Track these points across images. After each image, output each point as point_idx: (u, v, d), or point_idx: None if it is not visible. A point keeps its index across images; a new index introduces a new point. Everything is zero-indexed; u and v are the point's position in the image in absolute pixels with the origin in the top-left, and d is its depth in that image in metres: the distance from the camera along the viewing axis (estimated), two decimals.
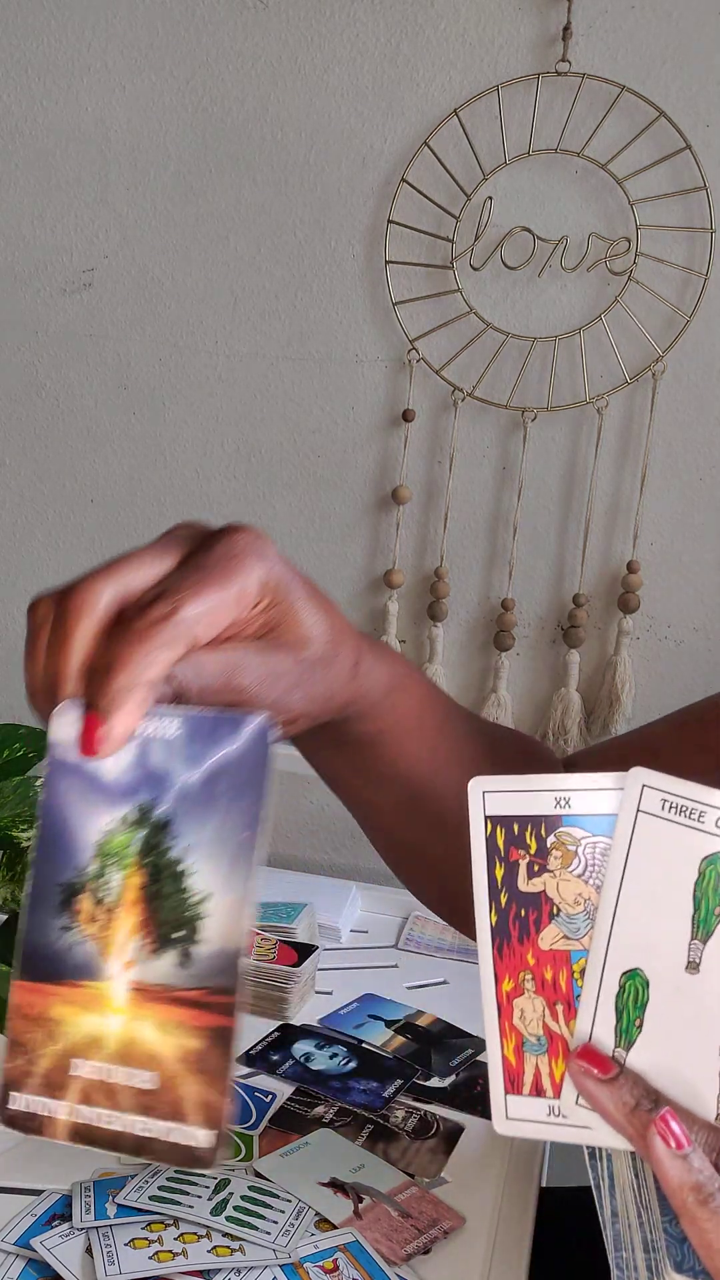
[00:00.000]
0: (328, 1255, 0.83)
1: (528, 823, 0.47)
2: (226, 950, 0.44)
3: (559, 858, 0.47)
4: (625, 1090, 0.46)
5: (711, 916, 0.45)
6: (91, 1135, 0.45)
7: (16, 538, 1.58)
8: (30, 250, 1.49)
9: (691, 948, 0.45)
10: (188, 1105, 0.44)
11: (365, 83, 1.37)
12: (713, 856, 0.45)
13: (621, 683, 1.40)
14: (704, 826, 0.45)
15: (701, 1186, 0.44)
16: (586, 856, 0.47)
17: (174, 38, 1.41)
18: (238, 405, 1.48)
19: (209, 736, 0.45)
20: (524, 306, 1.38)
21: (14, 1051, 0.46)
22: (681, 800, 0.45)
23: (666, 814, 0.45)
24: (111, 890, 0.45)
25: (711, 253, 1.31)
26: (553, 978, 0.48)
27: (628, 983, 0.47)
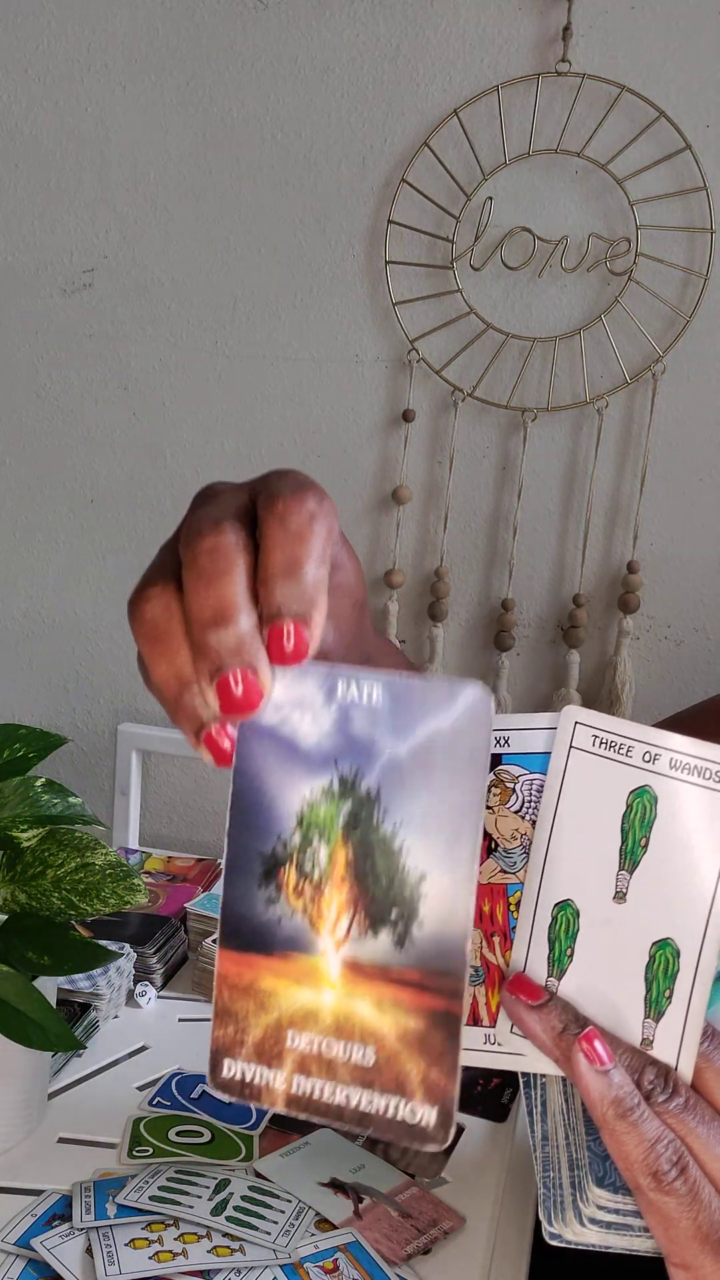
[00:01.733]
0: (328, 1255, 0.83)
1: None
2: (445, 934, 0.42)
3: (497, 795, 0.49)
4: (554, 1016, 0.48)
5: (638, 848, 0.47)
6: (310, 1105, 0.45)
7: (16, 538, 1.58)
8: (30, 250, 1.49)
9: (619, 878, 0.47)
10: (411, 1083, 0.43)
11: (365, 83, 1.37)
12: (640, 790, 0.46)
13: (621, 683, 1.40)
14: (632, 761, 0.46)
15: (621, 1100, 0.47)
16: (523, 793, 0.48)
17: (174, 38, 1.41)
18: (238, 405, 1.48)
19: (418, 705, 0.43)
20: (524, 307, 1.38)
21: (223, 1020, 0.46)
22: (611, 736, 0.47)
23: (597, 749, 0.47)
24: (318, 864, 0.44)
25: (711, 253, 1.31)
26: (490, 910, 0.49)
27: (559, 914, 0.48)
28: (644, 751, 0.46)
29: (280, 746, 0.44)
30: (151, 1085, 1.04)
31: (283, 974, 0.45)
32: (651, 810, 0.46)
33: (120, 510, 1.54)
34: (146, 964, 1.19)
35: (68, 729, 1.60)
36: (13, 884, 0.91)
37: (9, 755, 0.97)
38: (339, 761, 0.44)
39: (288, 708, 0.44)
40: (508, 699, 1.45)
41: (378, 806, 0.43)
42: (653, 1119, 0.47)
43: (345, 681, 0.43)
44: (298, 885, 0.45)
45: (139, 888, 0.91)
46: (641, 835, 0.46)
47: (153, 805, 1.60)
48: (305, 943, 0.45)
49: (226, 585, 0.42)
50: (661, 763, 0.46)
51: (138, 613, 0.44)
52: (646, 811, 0.46)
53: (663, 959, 0.47)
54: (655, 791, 0.46)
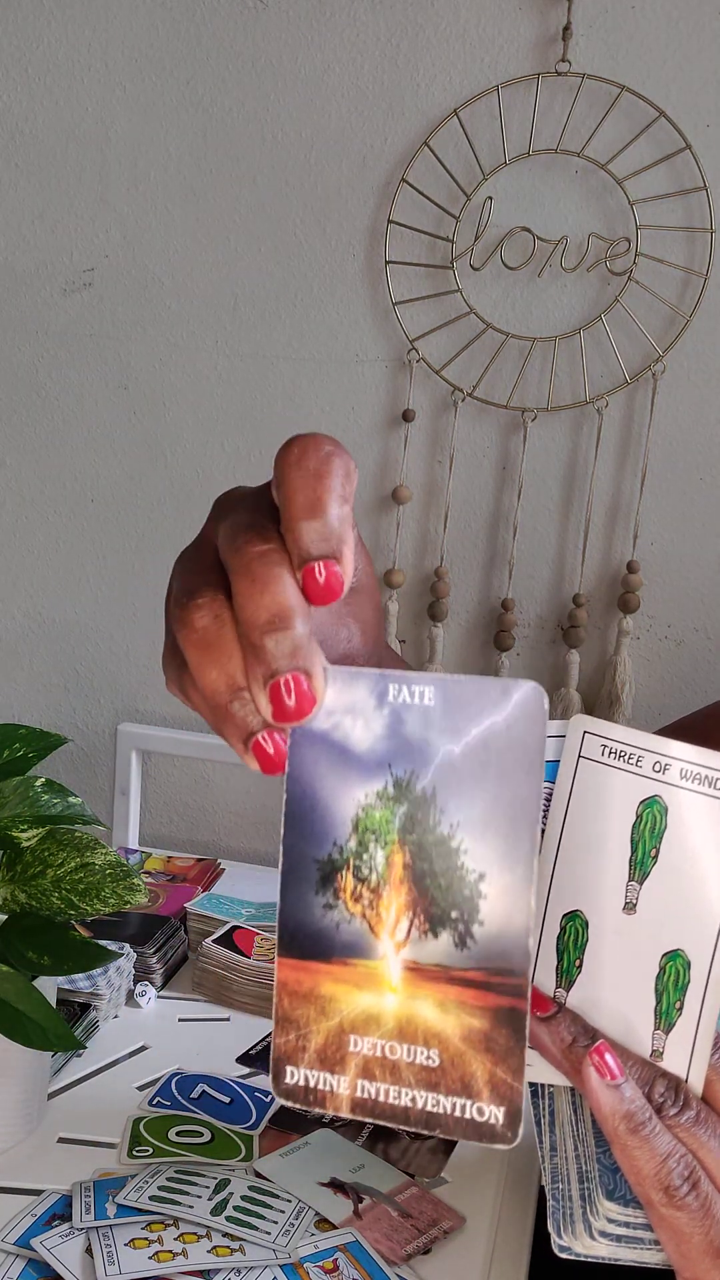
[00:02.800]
0: (328, 1255, 0.83)
1: None
2: (507, 932, 0.43)
3: None
4: (563, 1027, 0.48)
5: (648, 858, 0.46)
6: (376, 1109, 0.45)
7: (17, 538, 1.58)
8: (30, 250, 1.50)
9: (629, 889, 0.47)
10: (478, 1082, 0.44)
11: (365, 83, 1.37)
12: (649, 800, 0.46)
13: (621, 683, 1.40)
14: (642, 771, 0.46)
15: (632, 1115, 0.46)
16: None
17: (174, 38, 1.41)
18: (238, 405, 1.48)
19: (471, 704, 0.43)
20: (524, 306, 1.38)
21: (284, 1028, 0.46)
22: (621, 746, 0.47)
23: (606, 759, 0.47)
24: (375, 868, 0.44)
25: (711, 253, 1.31)
26: None
27: (568, 924, 0.48)
28: (654, 762, 0.46)
29: (333, 752, 0.44)
30: (151, 1085, 1.04)
31: (343, 979, 0.45)
32: (661, 821, 0.46)
33: (120, 510, 1.54)
34: (146, 964, 1.19)
35: (68, 729, 1.60)
36: (13, 884, 0.91)
37: (9, 755, 0.97)
38: (393, 765, 0.44)
39: (340, 713, 0.44)
40: None
41: (433, 807, 0.43)
42: (664, 1133, 0.47)
43: (396, 685, 0.43)
44: (355, 890, 0.45)
45: (139, 888, 0.91)
46: (652, 846, 0.46)
47: (153, 805, 1.60)
48: (365, 947, 0.45)
49: (281, 589, 0.41)
50: (671, 773, 0.46)
51: (188, 620, 0.43)
52: (656, 822, 0.46)
53: (673, 970, 0.46)
54: (665, 802, 0.46)
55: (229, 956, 1.18)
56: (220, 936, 1.21)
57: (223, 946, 1.20)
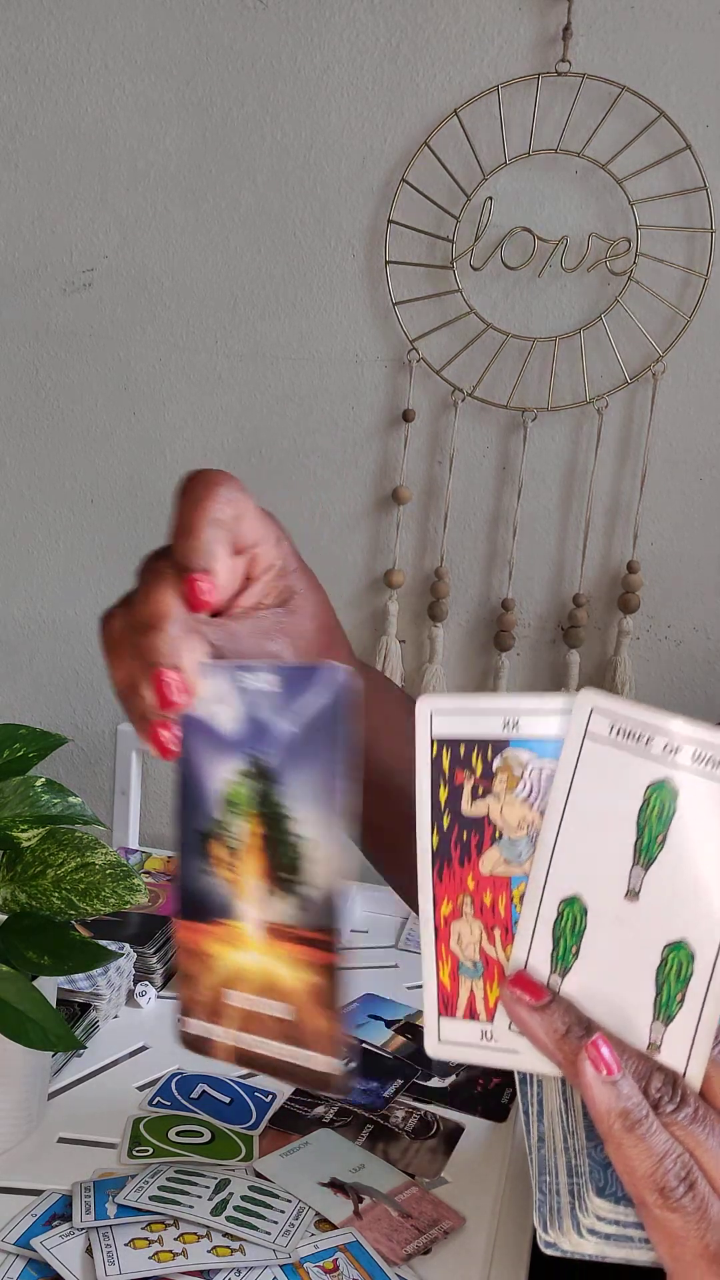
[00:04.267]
0: (328, 1255, 0.83)
1: (474, 745, 0.47)
2: (331, 893, 0.47)
3: (504, 781, 0.47)
4: (556, 1017, 0.46)
5: (654, 844, 0.44)
6: (250, 1059, 0.50)
7: (16, 538, 1.58)
8: (30, 250, 1.49)
9: (632, 875, 0.45)
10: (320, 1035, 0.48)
11: (365, 83, 1.37)
12: (658, 784, 0.44)
13: (621, 683, 1.40)
14: (652, 752, 0.44)
15: (629, 1112, 0.45)
16: (532, 780, 0.46)
17: (174, 38, 1.41)
18: (238, 405, 1.48)
19: (300, 688, 0.47)
20: (524, 306, 1.38)
21: (183, 982, 0.52)
22: (630, 723, 0.44)
23: (614, 738, 0.45)
24: (238, 837, 0.49)
25: (711, 253, 1.31)
26: (491, 902, 0.48)
27: (566, 910, 0.46)
28: (665, 742, 0.44)
29: (209, 736, 0.50)
30: (151, 1085, 1.03)
31: (219, 939, 0.50)
32: (671, 805, 0.44)
33: (120, 510, 1.54)
34: (146, 964, 1.19)
35: (68, 729, 1.60)
36: (13, 884, 0.91)
37: (9, 755, 0.97)
38: (252, 746, 0.49)
39: (212, 701, 0.49)
40: None
41: (278, 783, 0.48)
42: (660, 1132, 0.45)
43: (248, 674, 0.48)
44: (225, 858, 0.50)
45: (139, 888, 0.91)
46: (659, 831, 0.44)
47: (153, 805, 1.60)
48: (233, 910, 0.50)
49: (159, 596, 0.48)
50: (684, 755, 0.44)
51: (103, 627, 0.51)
52: (665, 807, 0.44)
53: (675, 962, 0.45)
54: (675, 786, 0.44)
55: None
56: None
57: None
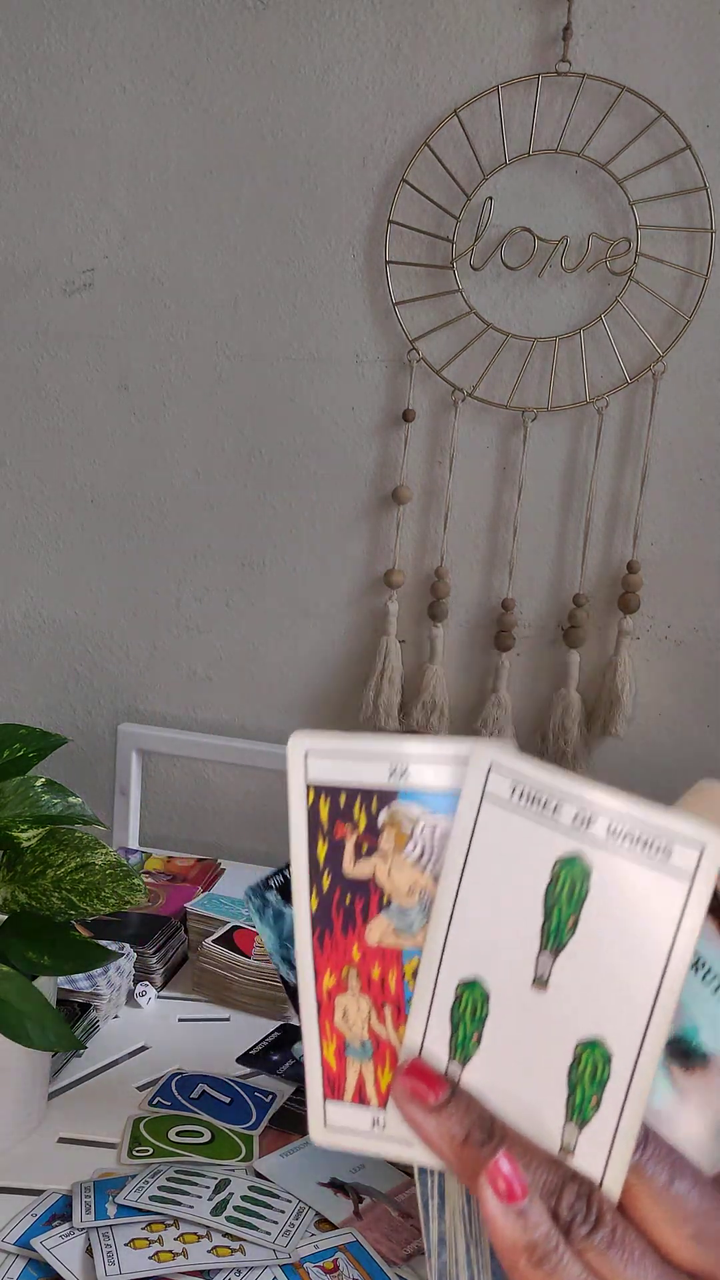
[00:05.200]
0: (328, 1255, 0.83)
1: (357, 794, 0.40)
2: None
3: (392, 838, 0.40)
4: (454, 1120, 0.40)
5: (564, 928, 0.38)
6: None
7: (16, 538, 1.58)
8: (30, 250, 1.49)
9: (540, 961, 0.39)
10: None
11: (365, 83, 1.37)
12: (568, 859, 0.38)
13: (621, 683, 1.40)
14: (561, 822, 0.38)
15: (536, 1245, 0.38)
16: (424, 839, 0.40)
17: (174, 38, 1.41)
18: (238, 405, 1.48)
19: None
20: (524, 306, 1.38)
21: None
22: (536, 788, 0.38)
23: (517, 802, 0.38)
24: None
25: (711, 253, 1.31)
26: (380, 976, 0.41)
27: (465, 994, 0.40)
28: (576, 812, 0.38)
29: None
30: (151, 1085, 1.03)
31: None
32: (583, 885, 0.38)
33: (120, 510, 1.54)
34: (146, 964, 1.19)
35: (68, 729, 1.60)
36: (13, 884, 0.91)
37: (9, 755, 0.97)
38: None
39: None
40: (508, 699, 1.45)
41: None
42: (573, 1264, 0.37)
43: None
44: None
45: (139, 888, 0.91)
46: (570, 914, 0.38)
47: (153, 805, 1.60)
48: None
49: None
50: (598, 828, 0.37)
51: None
52: (576, 886, 0.38)
53: (590, 1062, 0.38)
54: (588, 863, 0.37)
55: (229, 956, 1.18)
56: (220, 936, 1.21)
57: (223, 946, 1.20)
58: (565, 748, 1.42)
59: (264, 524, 1.50)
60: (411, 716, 1.47)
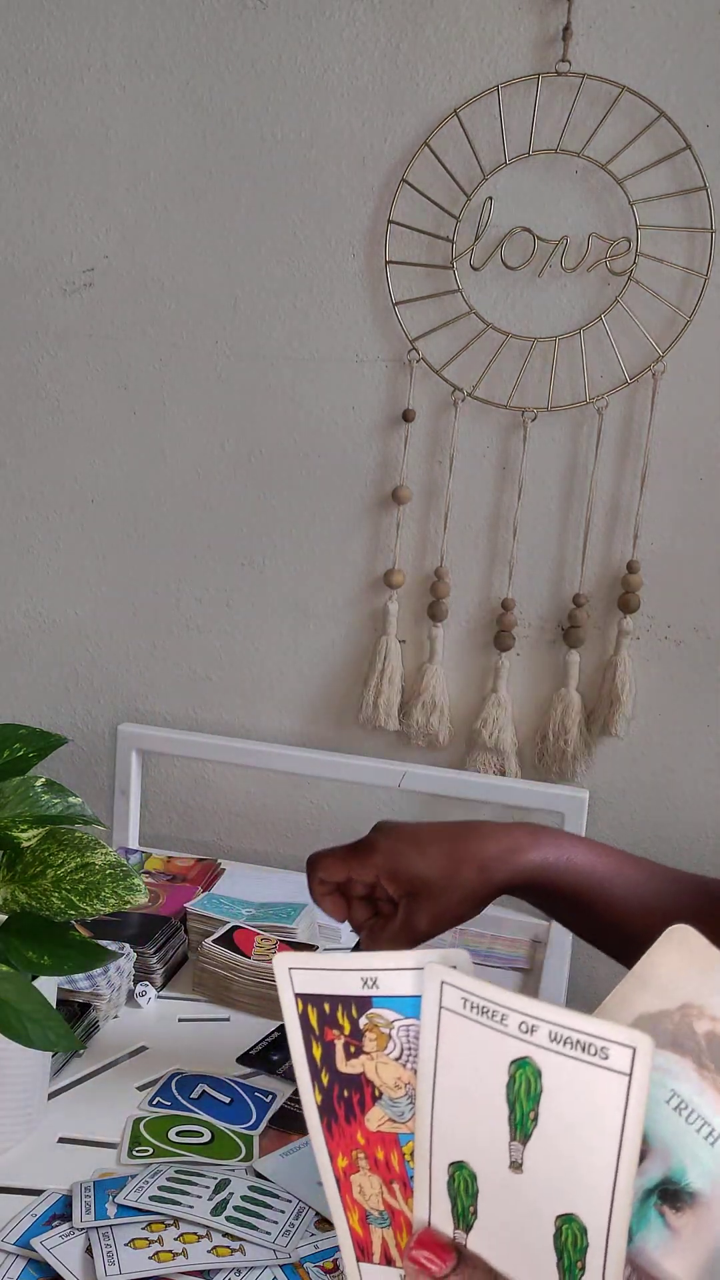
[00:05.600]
0: (328, 1255, 0.83)
1: (338, 1002, 0.46)
2: None
3: (374, 1040, 0.46)
4: None
5: (527, 1120, 0.43)
6: None
7: (16, 538, 1.58)
8: (30, 250, 1.49)
9: (512, 1149, 0.43)
10: None
11: (365, 83, 1.37)
12: (521, 1061, 0.42)
13: (621, 683, 1.40)
14: (508, 1030, 0.42)
15: None
16: (401, 1040, 0.46)
17: (174, 38, 1.41)
18: (238, 405, 1.48)
19: None
20: (524, 306, 1.38)
21: None
22: (481, 1001, 0.43)
23: (469, 1013, 0.43)
24: None
25: (711, 253, 1.31)
26: (384, 1158, 0.47)
27: (456, 1173, 0.45)
28: (519, 1021, 0.42)
29: None
30: (151, 1085, 1.03)
31: None
32: (536, 1084, 0.42)
33: (120, 510, 1.54)
34: (146, 964, 1.19)
35: (68, 729, 1.60)
36: (13, 884, 0.91)
37: (9, 755, 0.97)
38: None
39: None
40: (508, 699, 1.45)
41: None
42: None
43: None
44: None
45: (139, 888, 0.91)
46: (529, 1108, 0.42)
47: (153, 805, 1.60)
48: None
49: None
50: (540, 1035, 0.42)
51: None
52: (531, 1085, 0.42)
53: (570, 1233, 0.42)
54: (538, 1065, 0.42)
55: (229, 956, 1.18)
56: (220, 936, 1.21)
57: (223, 946, 1.20)
58: (565, 748, 1.42)
59: (264, 524, 1.50)
60: (411, 716, 1.47)
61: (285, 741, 1.53)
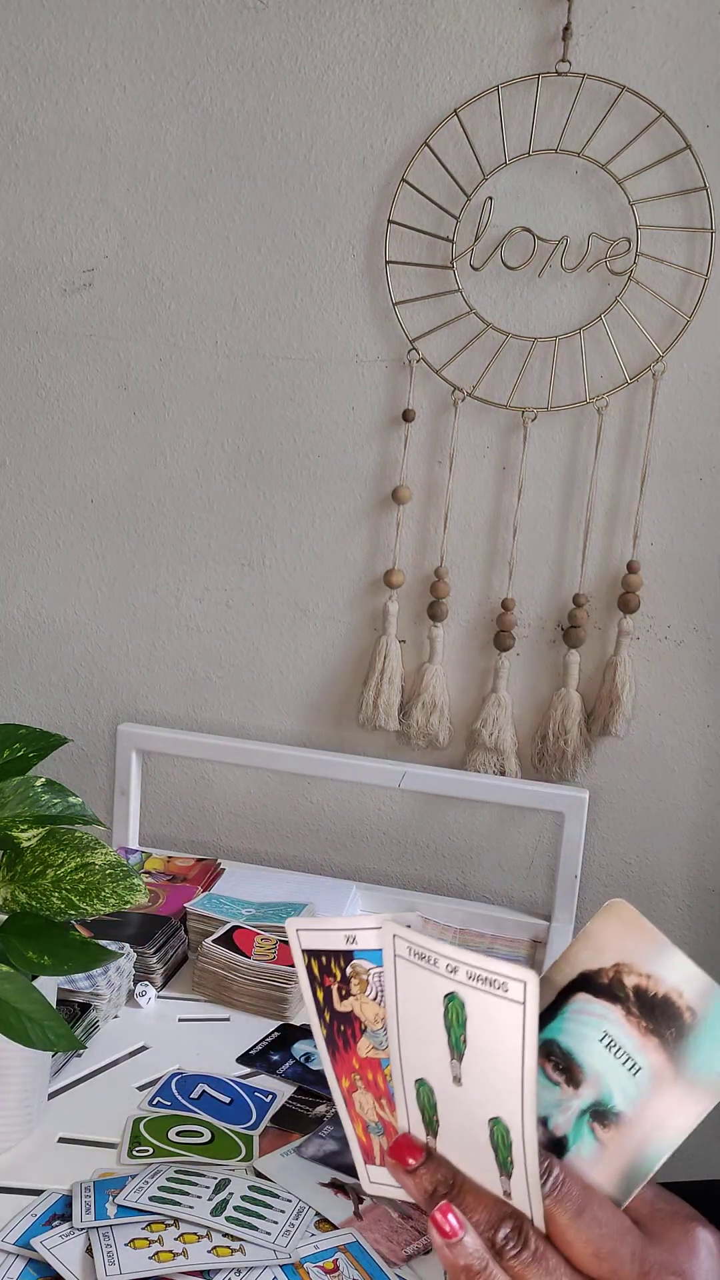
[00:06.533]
0: (328, 1255, 0.83)
1: (331, 956, 0.57)
2: None
3: (358, 985, 0.57)
4: (425, 1178, 0.55)
5: (460, 1042, 0.53)
6: None
7: (17, 538, 1.58)
8: (30, 250, 1.49)
9: (453, 1065, 0.54)
10: None
11: (365, 83, 1.37)
12: (450, 995, 0.53)
13: (621, 683, 1.40)
14: (439, 970, 0.53)
15: (470, 1267, 0.52)
16: (375, 984, 0.57)
17: (174, 38, 1.41)
18: (238, 405, 1.48)
19: None
20: (524, 306, 1.38)
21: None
22: (421, 949, 0.54)
23: (413, 959, 0.54)
24: None
25: (711, 253, 1.31)
26: (373, 1078, 0.58)
27: (420, 1088, 0.56)
28: (445, 964, 0.52)
29: None
30: (151, 1085, 1.03)
31: None
32: (462, 1012, 0.53)
33: (120, 510, 1.54)
34: (146, 964, 1.19)
35: (68, 729, 1.60)
36: (13, 884, 0.91)
37: (9, 755, 0.97)
38: None
39: None
40: (508, 699, 1.45)
41: None
42: (499, 1275, 0.52)
43: None
44: None
45: (139, 888, 0.91)
46: (460, 1033, 0.53)
47: (153, 805, 1.60)
48: None
49: None
50: (460, 974, 0.52)
51: None
52: (459, 1013, 0.53)
53: (499, 1132, 0.53)
54: (462, 997, 0.52)
55: (229, 956, 1.18)
56: (220, 936, 1.21)
57: (223, 946, 1.20)
58: (565, 748, 1.42)
59: (264, 524, 1.50)
60: (411, 716, 1.47)
61: (285, 741, 1.53)
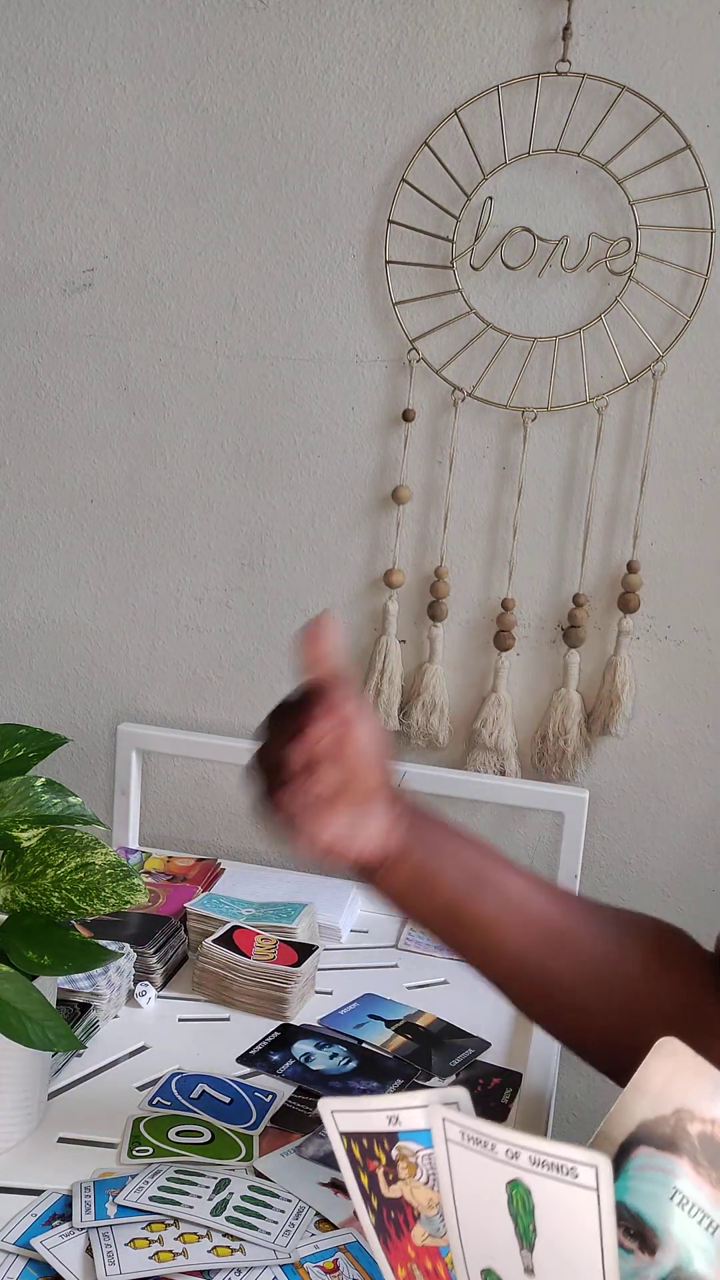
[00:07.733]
0: (328, 1255, 0.83)
1: (373, 1138, 0.53)
2: None
3: (406, 1169, 0.53)
4: None
5: (529, 1230, 0.50)
6: None
7: (16, 538, 1.58)
8: (30, 250, 1.49)
9: (524, 1255, 0.51)
10: None
11: (365, 83, 1.37)
12: (513, 1182, 0.50)
13: (621, 683, 1.40)
14: (498, 1156, 0.50)
15: None
16: (426, 1167, 0.53)
17: (174, 38, 1.41)
18: (238, 405, 1.48)
19: None
20: (524, 306, 1.38)
21: None
22: (475, 1133, 0.50)
23: (467, 1144, 0.51)
24: None
25: (711, 253, 1.31)
26: (433, 1267, 0.55)
27: (488, 1277, 0.53)
28: (505, 1149, 0.49)
29: None
30: (151, 1085, 1.04)
31: None
32: (529, 1199, 0.50)
33: (120, 510, 1.54)
34: (146, 964, 1.19)
35: (68, 729, 1.60)
36: (13, 884, 0.91)
37: (9, 755, 0.97)
38: None
39: None
40: (508, 699, 1.45)
41: None
42: None
43: None
44: None
45: (139, 888, 0.91)
46: (528, 1221, 0.50)
47: (153, 805, 1.60)
48: None
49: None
50: (523, 1160, 0.49)
51: None
52: (525, 1200, 0.50)
53: None
54: (527, 1184, 0.49)
55: (229, 956, 1.18)
56: (220, 936, 1.21)
57: (223, 946, 1.20)
58: (565, 748, 1.42)
59: (264, 524, 1.50)
60: (411, 716, 1.47)
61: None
